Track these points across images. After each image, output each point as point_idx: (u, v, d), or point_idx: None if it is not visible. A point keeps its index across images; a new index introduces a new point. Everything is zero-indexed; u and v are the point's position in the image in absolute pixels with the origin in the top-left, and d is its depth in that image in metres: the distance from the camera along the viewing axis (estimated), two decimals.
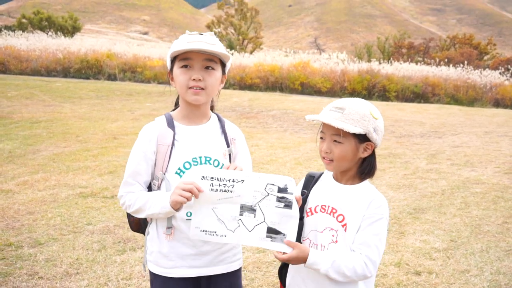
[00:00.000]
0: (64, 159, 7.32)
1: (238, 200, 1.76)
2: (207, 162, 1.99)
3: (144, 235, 2.13)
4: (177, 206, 1.81)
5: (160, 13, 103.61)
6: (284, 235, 1.78)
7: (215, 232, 1.80)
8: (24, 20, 40.94)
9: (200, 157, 1.99)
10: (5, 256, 3.87)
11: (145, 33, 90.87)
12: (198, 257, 2.01)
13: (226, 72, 2.12)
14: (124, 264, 3.82)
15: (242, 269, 3.84)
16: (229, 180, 1.73)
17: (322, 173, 2.05)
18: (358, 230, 1.80)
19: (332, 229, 1.85)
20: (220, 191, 1.74)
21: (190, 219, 1.84)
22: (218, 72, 2.03)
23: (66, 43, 25.64)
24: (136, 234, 4.42)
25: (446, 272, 3.95)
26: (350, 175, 1.91)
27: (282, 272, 2.09)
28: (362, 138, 1.81)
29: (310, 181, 2.04)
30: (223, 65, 2.07)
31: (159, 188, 1.98)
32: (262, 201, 1.76)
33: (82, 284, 3.50)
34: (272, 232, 1.78)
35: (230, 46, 36.72)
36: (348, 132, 1.77)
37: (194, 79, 1.95)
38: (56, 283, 3.49)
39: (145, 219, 2.07)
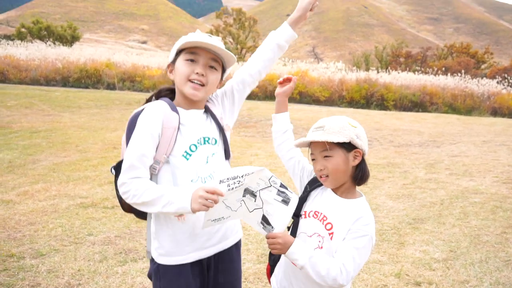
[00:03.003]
0: (64, 169, 7.33)
1: (243, 187, 1.81)
2: (206, 142, 2.05)
3: (137, 216, 2.12)
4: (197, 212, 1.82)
5: (158, 22, 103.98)
6: (272, 228, 1.86)
7: (222, 218, 1.86)
8: (23, 30, 41.10)
9: (203, 138, 2.05)
10: (7, 267, 3.88)
11: (144, 42, 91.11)
12: (211, 236, 2.06)
13: (224, 78, 2.18)
14: (126, 275, 3.84)
15: (243, 280, 3.86)
16: (242, 176, 1.77)
17: None
18: (342, 240, 1.88)
19: (319, 235, 1.94)
20: (235, 188, 1.78)
21: None
22: (219, 74, 2.11)
23: (65, 53, 25.74)
24: (137, 244, 4.44)
25: (446, 282, 3.97)
26: (346, 186, 1.98)
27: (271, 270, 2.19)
28: (349, 147, 1.90)
29: (316, 182, 2.10)
30: (223, 70, 2.14)
31: (158, 172, 1.98)
32: (264, 190, 1.83)
33: None
34: (265, 220, 1.86)
35: None
36: (335, 145, 1.88)
37: (197, 73, 2.00)
38: None
39: None
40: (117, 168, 2.04)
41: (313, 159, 1.98)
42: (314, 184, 2.10)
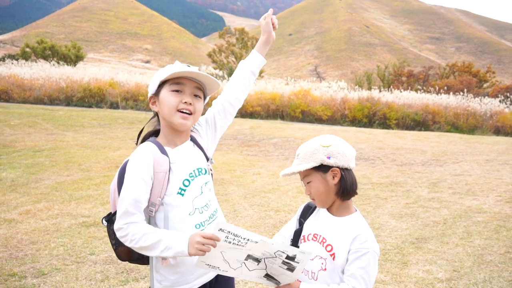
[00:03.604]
0: (67, 188, 7.35)
1: (246, 251, 1.83)
2: (200, 173, 2.10)
3: (134, 262, 2.15)
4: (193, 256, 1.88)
5: (162, 42, 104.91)
6: (279, 283, 1.91)
7: (218, 268, 1.88)
8: (27, 49, 41.46)
9: (194, 170, 2.09)
10: (8, 286, 3.87)
11: (147, 62, 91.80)
12: None
13: (204, 104, 2.23)
14: None
15: None
16: (244, 238, 1.79)
17: None
18: (346, 262, 1.92)
19: (321, 257, 1.98)
20: (233, 244, 1.80)
21: None
22: (203, 101, 2.17)
23: (69, 72, 25.94)
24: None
25: None
26: (337, 204, 2.03)
27: None
28: (325, 168, 1.96)
29: (307, 210, 2.17)
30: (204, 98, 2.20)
31: (155, 213, 2.02)
32: (269, 259, 1.85)
33: None
34: (269, 277, 1.90)
35: (231, 74, 37.05)
36: (311, 170, 1.97)
37: (185, 102, 2.04)
38: None
39: None
40: (108, 219, 2.11)
41: (304, 185, 2.08)
42: (306, 214, 2.16)
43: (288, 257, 1.82)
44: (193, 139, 2.20)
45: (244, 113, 21.69)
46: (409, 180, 9.07)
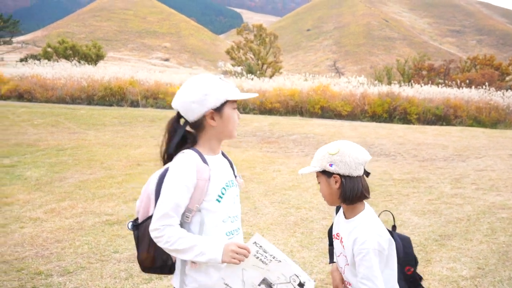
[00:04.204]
0: (90, 186, 7.45)
1: (265, 273, 1.97)
2: (232, 184, 2.22)
3: (154, 270, 2.20)
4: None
5: (180, 39, 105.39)
6: None
7: None
8: (49, 49, 42.04)
9: (229, 181, 2.21)
10: (35, 284, 3.95)
11: (166, 60, 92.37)
12: None
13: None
14: None
15: None
16: (271, 255, 1.95)
17: None
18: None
19: (343, 254, 2.18)
20: (259, 260, 1.95)
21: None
22: None
23: (90, 71, 26.21)
24: None
25: None
26: (345, 207, 2.20)
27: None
28: (328, 173, 2.13)
29: (338, 209, 2.35)
30: None
31: (191, 219, 2.09)
32: (281, 285, 1.99)
33: None
34: None
35: (250, 71, 37.06)
36: (319, 173, 2.17)
37: (239, 118, 2.23)
38: None
39: (166, 255, 2.12)
40: (137, 224, 2.17)
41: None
42: (336, 213, 2.37)
43: (299, 284, 1.98)
44: (223, 154, 2.32)
45: (263, 109, 21.69)
46: (431, 176, 8.98)
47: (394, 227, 2.27)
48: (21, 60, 43.07)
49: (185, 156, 2.09)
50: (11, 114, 16.24)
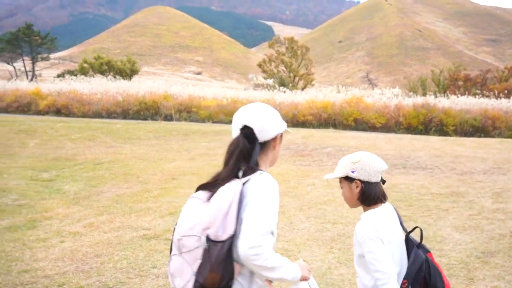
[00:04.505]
0: (127, 200, 7.55)
1: None
2: None
3: None
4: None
5: (212, 53, 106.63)
6: None
7: None
8: (85, 65, 43.16)
9: None
10: None
11: (199, 73, 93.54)
12: None
13: None
14: None
15: None
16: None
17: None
18: None
19: (354, 246, 2.53)
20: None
21: None
22: None
23: (125, 86, 26.76)
24: None
25: None
26: (364, 208, 2.51)
27: None
28: (350, 179, 2.46)
29: None
30: None
31: None
32: None
33: None
34: None
35: (282, 84, 37.12)
36: (342, 178, 2.50)
37: None
38: None
39: (230, 276, 2.02)
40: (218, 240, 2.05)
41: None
42: None
43: None
44: None
45: (296, 122, 21.64)
46: (471, 190, 8.73)
47: (420, 244, 2.48)
48: (58, 76, 44.41)
49: (270, 177, 2.15)
50: (49, 129, 16.69)
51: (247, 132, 2.18)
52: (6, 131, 15.82)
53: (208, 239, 2.00)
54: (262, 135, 2.20)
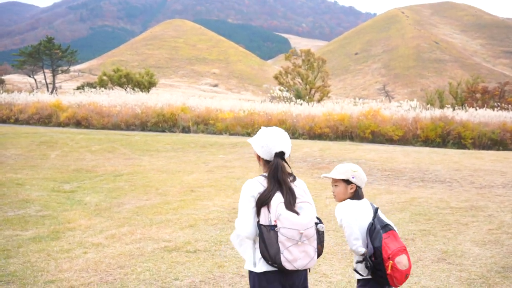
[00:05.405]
0: (147, 212, 7.66)
1: None
2: None
3: None
4: None
5: (229, 66, 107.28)
6: None
7: None
8: (104, 77, 43.74)
9: None
10: None
11: (215, 85, 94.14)
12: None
13: None
14: None
15: None
16: None
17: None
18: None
19: None
20: None
21: None
22: None
23: (143, 98, 27.10)
24: None
25: None
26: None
27: None
28: (347, 182, 3.24)
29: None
30: None
31: None
32: None
33: None
34: None
35: (298, 96, 37.20)
36: (339, 180, 3.25)
37: None
38: None
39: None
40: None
41: (332, 185, 3.35)
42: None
43: None
44: None
45: (313, 134, 21.67)
46: (490, 204, 8.67)
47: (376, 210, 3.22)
48: (78, 88, 45.09)
49: None
50: (70, 141, 16.97)
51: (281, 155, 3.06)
52: (28, 142, 16.14)
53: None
54: (287, 154, 3.15)
